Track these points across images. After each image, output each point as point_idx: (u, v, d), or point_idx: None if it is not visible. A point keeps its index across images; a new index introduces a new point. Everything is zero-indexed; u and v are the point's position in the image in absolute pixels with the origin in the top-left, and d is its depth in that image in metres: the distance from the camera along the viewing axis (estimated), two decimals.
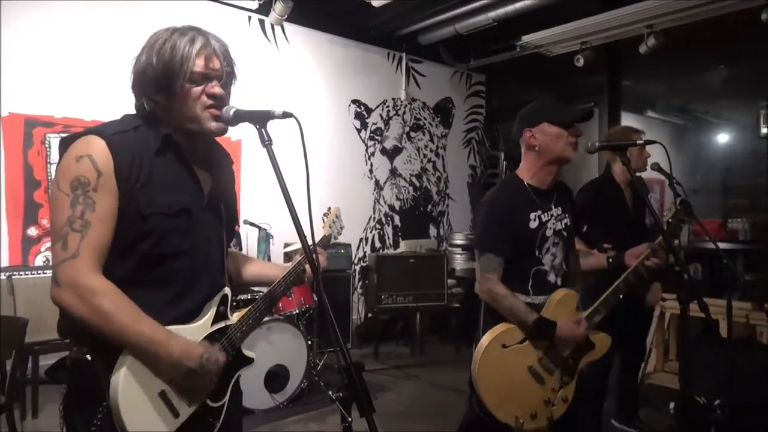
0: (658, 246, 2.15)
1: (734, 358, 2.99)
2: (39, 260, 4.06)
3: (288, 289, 1.56)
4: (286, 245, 4.20)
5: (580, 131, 2.09)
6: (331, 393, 1.13)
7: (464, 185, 6.90)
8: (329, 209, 1.80)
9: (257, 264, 1.70)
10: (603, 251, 2.44)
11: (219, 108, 1.30)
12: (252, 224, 4.25)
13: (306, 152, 1.17)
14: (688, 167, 6.06)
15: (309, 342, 3.87)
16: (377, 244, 6.02)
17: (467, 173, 6.94)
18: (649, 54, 5.02)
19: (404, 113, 6.25)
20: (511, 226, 2.06)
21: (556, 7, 4.87)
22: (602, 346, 2.16)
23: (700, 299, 1.87)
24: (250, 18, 5.09)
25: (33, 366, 3.46)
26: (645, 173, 2.95)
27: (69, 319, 1.20)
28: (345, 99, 5.79)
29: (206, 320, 1.35)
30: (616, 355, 3.08)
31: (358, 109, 5.89)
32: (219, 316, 1.38)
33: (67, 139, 1.25)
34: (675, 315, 4.13)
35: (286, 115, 1.22)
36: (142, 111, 1.31)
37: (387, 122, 6.12)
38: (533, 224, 2.07)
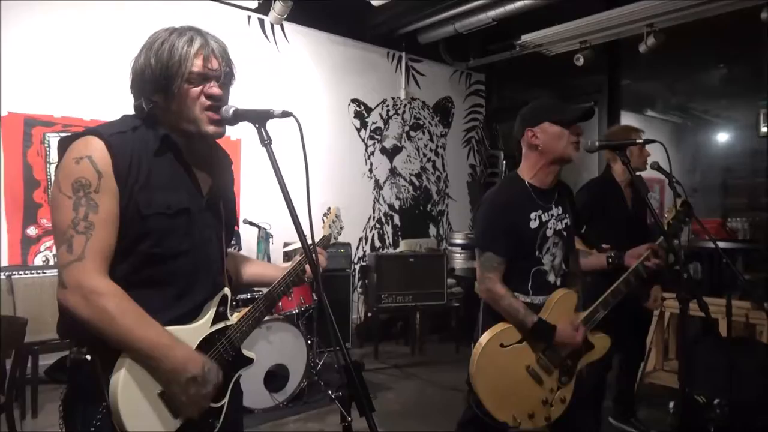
0: (659, 247, 2.16)
1: (734, 358, 3.00)
2: (38, 260, 4.06)
3: (288, 290, 1.55)
4: (286, 245, 4.21)
5: (582, 130, 2.08)
6: (331, 392, 1.14)
7: (464, 184, 6.90)
8: (329, 209, 1.79)
9: (257, 264, 1.70)
10: (603, 251, 2.44)
11: (218, 109, 1.29)
12: (251, 224, 4.24)
13: (305, 151, 1.17)
14: (688, 166, 6.05)
15: (309, 341, 3.87)
16: (377, 244, 6.02)
17: (467, 172, 6.93)
18: (649, 53, 5.02)
19: (404, 112, 6.25)
20: (512, 226, 2.05)
21: (556, 7, 4.88)
22: (601, 347, 2.15)
23: (700, 298, 1.87)
24: (250, 17, 5.09)
25: (32, 366, 3.46)
26: (645, 172, 2.94)
27: (69, 320, 1.20)
28: (344, 98, 5.79)
29: (206, 321, 1.34)
30: (615, 356, 3.09)
31: (358, 109, 5.89)
32: (218, 317, 1.37)
33: (66, 140, 1.25)
34: (675, 314, 4.13)
35: (286, 115, 1.22)
36: (141, 111, 1.30)
37: (387, 121, 6.11)
38: (534, 224, 2.07)
